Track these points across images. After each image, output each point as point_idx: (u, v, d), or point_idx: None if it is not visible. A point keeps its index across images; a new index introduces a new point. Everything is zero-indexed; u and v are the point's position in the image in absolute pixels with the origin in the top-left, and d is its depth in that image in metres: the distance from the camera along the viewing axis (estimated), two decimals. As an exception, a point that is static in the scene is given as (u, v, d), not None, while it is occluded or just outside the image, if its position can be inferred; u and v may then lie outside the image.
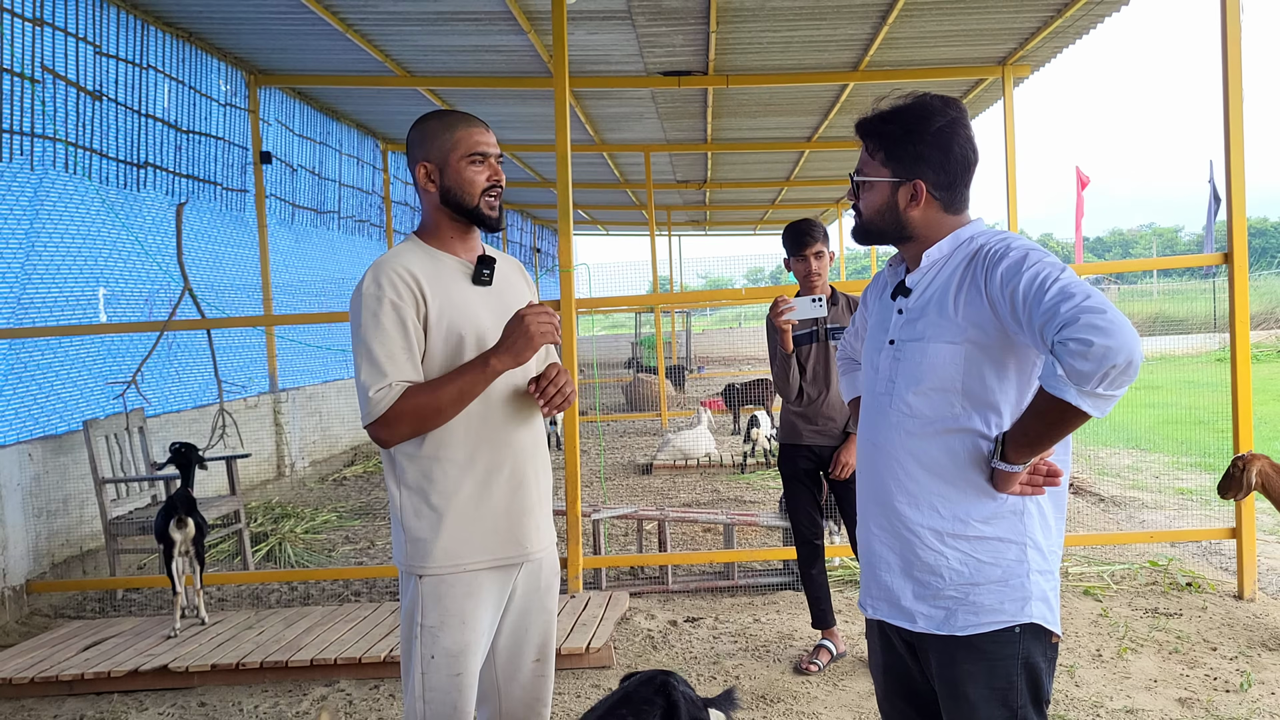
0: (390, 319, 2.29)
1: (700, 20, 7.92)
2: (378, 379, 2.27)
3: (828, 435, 4.51)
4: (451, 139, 2.40)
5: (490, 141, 2.44)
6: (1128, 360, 1.72)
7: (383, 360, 2.28)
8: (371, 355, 2.28)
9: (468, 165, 2.40)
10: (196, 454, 5.65)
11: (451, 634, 2.36)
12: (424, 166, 2.42)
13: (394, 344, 2.29)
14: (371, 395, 2.27)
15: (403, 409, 2.27)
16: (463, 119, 2.44)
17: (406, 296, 2.31)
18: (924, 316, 2.08)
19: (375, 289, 2.31)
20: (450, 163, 2.40)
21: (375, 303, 2.30)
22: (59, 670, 4.57)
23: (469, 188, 2.40)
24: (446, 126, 2.42)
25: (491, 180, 2.42)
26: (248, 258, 9.35)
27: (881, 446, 2.13)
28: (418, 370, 2.33)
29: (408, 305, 2.31)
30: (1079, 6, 7.52)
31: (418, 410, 2.28)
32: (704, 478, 9.90)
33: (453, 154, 2.40)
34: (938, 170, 2.09)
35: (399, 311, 2.30)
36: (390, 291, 2.30)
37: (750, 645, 4.89)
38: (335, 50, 8.65)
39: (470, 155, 2.40)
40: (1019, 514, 2.04)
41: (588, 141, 12.99)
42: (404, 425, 2.30)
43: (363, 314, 2.31)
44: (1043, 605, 2.05)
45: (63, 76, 6.72)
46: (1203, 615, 5.07)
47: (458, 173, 2.40)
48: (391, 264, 2.35)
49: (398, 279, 2.32)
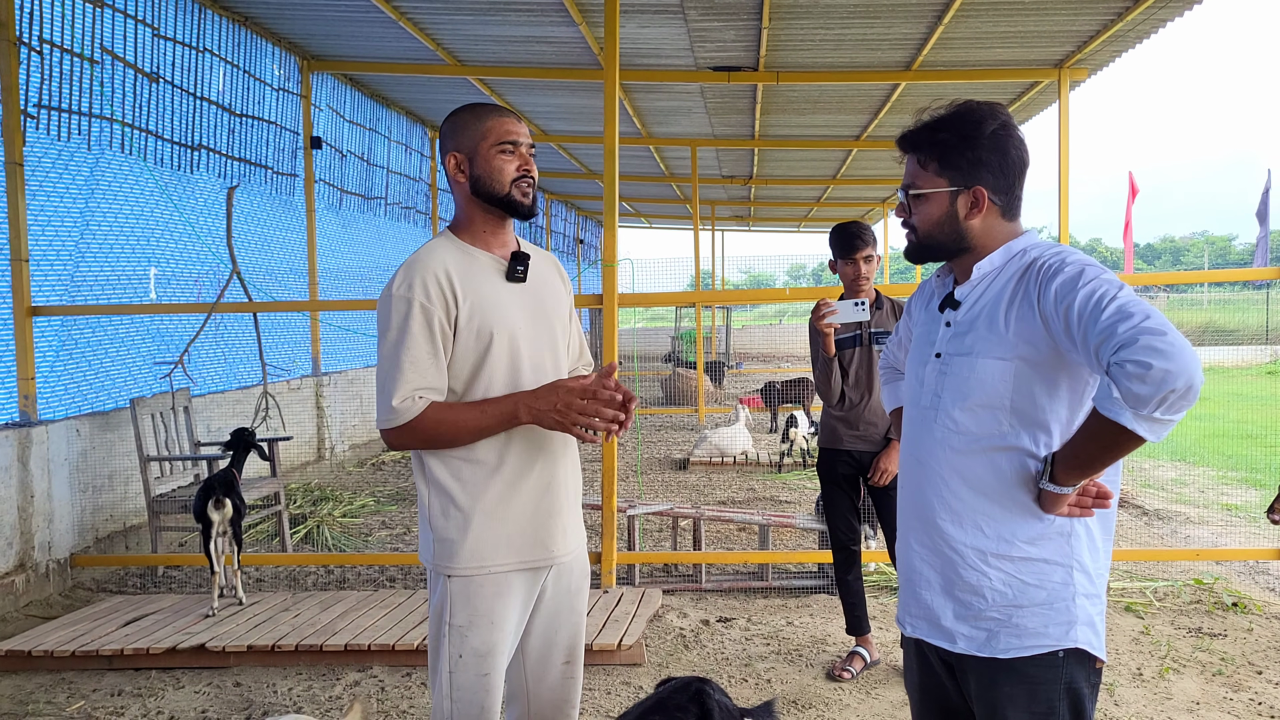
0: (419, 323, 2.28)
1: (753, 16, 7.86)
2: (401, 387, 2.27)
3: (868, 440, 4.46)
4: (481, 128, 2.38)
5: (520, 131, 2.41)
6: (1188, 385, 1.67)
7: (406, 366, 2.27)
8: (397, 360, 2.28)
9: (497, 154, 2.37)
10: (255, 440, 5.83)
11: (480, 634, 2.36)
12: (454, 156, 2.40)
13: (420, 350, 2.29)
14: (395, 404, 2.27)
15: (417, 428, 2.29)
16: (493, 109, 2.43)
17: (437, 299, 2.30)
18: (973, 330, 2.04)
19: (406, 290, 2.30)
20: (480, 151, 2.37)
21: (405, 305, 2.29)
22: (99, 645, 4.65)
23: (499, 175, 2.37)
24: (476, 117, 2.41)
25: (522, 169, 2.39)
26: (295, 241, 9.44)
27: (925, 462, 2.09)
28: (442, 376, 2.33)
29: (438, 308, 2.30)
30: (1141, 10, 7.35)
31: (435, 433, 2.31)
32: (740, 475, 9.86)
33: (483, 143, 2.37)
34: (997, 174, 2.04)
35: (428, 315, 2.29)
36: (420, 293, 2.29)
37: (783, 649, 4.86)
38: (387, 38, 8.69)
39: (500, 144, 2.37)
40: (1066, 536, 2.00)
41: (634, 134, 12.95)
42: (414, 441, 2.33)
43: (392, 316, 2.30)
44: (1088, 630, 2.00)
45: (121, 58, 6.81)
46: (1248, 637, 4.97)
47: (487, 161, 2.37)
48: (425, 263, 2.34)
49: (431, 279, 2.31)
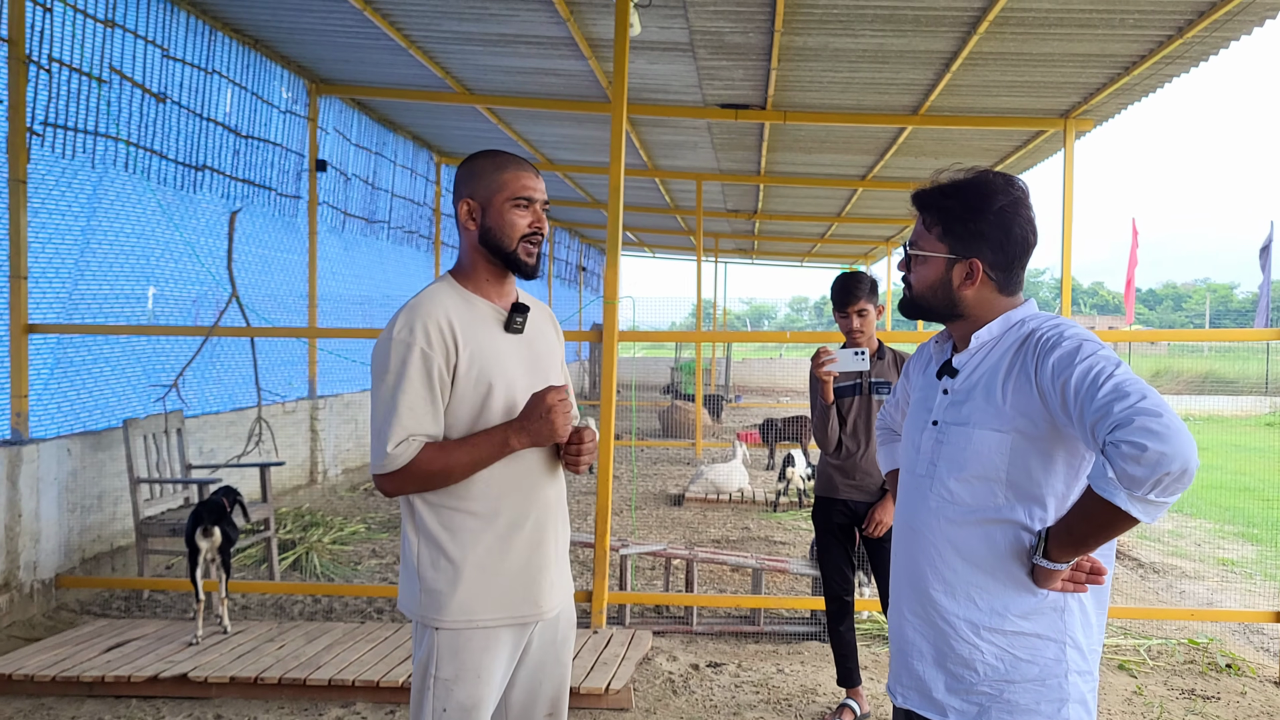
0: (417, 368, 2.26)
1: (762, 57, 7.90)
2: (397, 432, 2.25)
3: (864, 491, 4.42)
4: (500, 180, 2.36)
5: (538, 188, 2.39)
6: (1183, 468, 1.66)
7: (404, 411, 2.25)
8: (394, 405, 2.25)
9: (511, 208, 2.36)
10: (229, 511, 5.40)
11: (466, 688, 2.32)
12: (467, 203, 2.38)
13: (417, 395, 2.26)
14: (390, 449, 2.25)
15: (413, 471, 2.27)
16: (514, 161, 2.40)
17: (438, 345, 2.28)
18: (970, 400, 2.02)
19: (407, 335, 2.28)
20: (494, 203, 2.36)
21: (405, 349, 2.27)
22: (80, 671, 4.59)
23: (509, 230, 2.36)
24: (497, 167, 2.39)
25: (533, 226, 2.38)
26: (297, 263, 9.43)
27: (919, 531, 2.07)
28: (438, 422, 2.30)
29: (438, 354, 2.28)
30: (1148, 65, 7.39)
31: (428, 473, 2.28)
32: (735, 514, 9.80)
33: (498, 195, 2.36)
34: (996, 250, 2.03)
35: (427, 361, 2.27)
36: (421, 339, 2.27)
37: (772, 697, 4.80)
38: (396, 64, 8.73)
39: (516, 199, 2.36)
40: (1060, 611, 1.97)
41: (640, 166, 13.00)
42: (410, 484, 2.31)
43: (390, 359, 2.28)
44: (1080, 708, 1.98)
45: (129, 78, 6.83)
46: (1241, 701, 4.91)
47: (500, 214, 2.36)
48: (427, 308, 2.32)
49: (433, 325, 2.29)
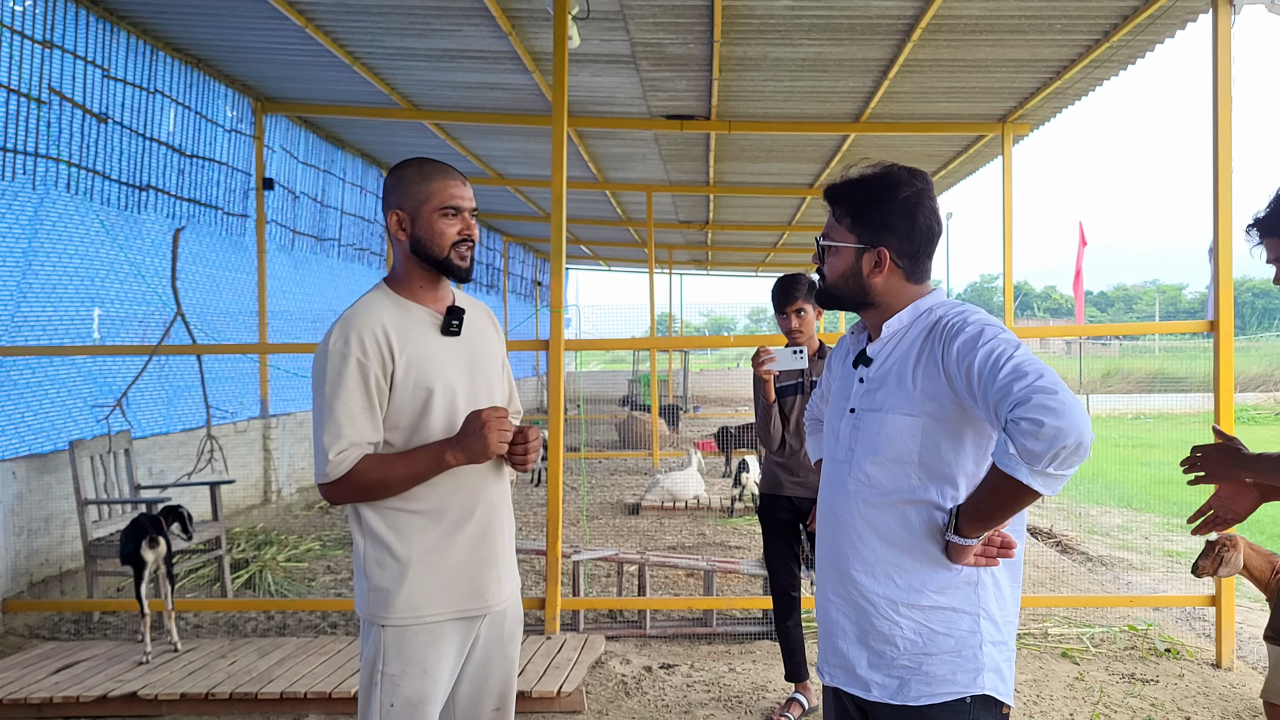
0: (354, 378, 2.31)
1: (703, 68, 8.01)
2: (336, 441, 2.30)
3: (808, 487, 4.51)
4: (426, 190, 2.40)
5: (464, 195, 2.44)
6: (1077, 442, 1.75)
7: (343, 420, 2.30)
8: (333, 414, 2.30)
9: (440, 217, 2.40)
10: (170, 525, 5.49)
11: (413, 682, 2.36)
12: (396, 214, 2.42)
13: (355, 404, 2.31)
14: (331, 458, 2.30)
15: (353, 480, 2.32)
16: (439, 170, 2.44)
17: (374, 355, 2.32)
18: (883, 387, 2.11)
19: (343, 346, 2.32)
20: (423, 214, 2.40)
21: (340, 360, 2.31)
22: (28, 693, 4.55)
23: (439, 239, 2.40)
24: (423, 177, 2.42)
25: (463, 234, 2.42)
26: (246, 282, 9.38)
27: (840, 514, 2.14)
28: (378, 430, 2.35)
29: (374, 363, 2.32)
30: (1078, 69, 7.60)
31: (367, 483, 2.33)
32: (692, 520, 9.86)
33: (425, 205, 2.40)
34: (902, 239, 2.12)
35: (364, 370, 2.31)
36: (357, 349, 2.31)
37: (723, 695, 4.86)
38: (342, 81, 8.74)
39: (443, 208, 2.40)
40: (973, 585, 2.05)
41: (590, 179, 13.06)
42: (352, 494, 2.36)
43: (327, 371, 2.32)
44: (995, 676, 2.06)
45: (69, 98, 6.79)
46: (1179, 683, 5.05)
47: (429, 224, 2.39)
48: (361, 318, 2.36)
49: (368, 335, 2.33)
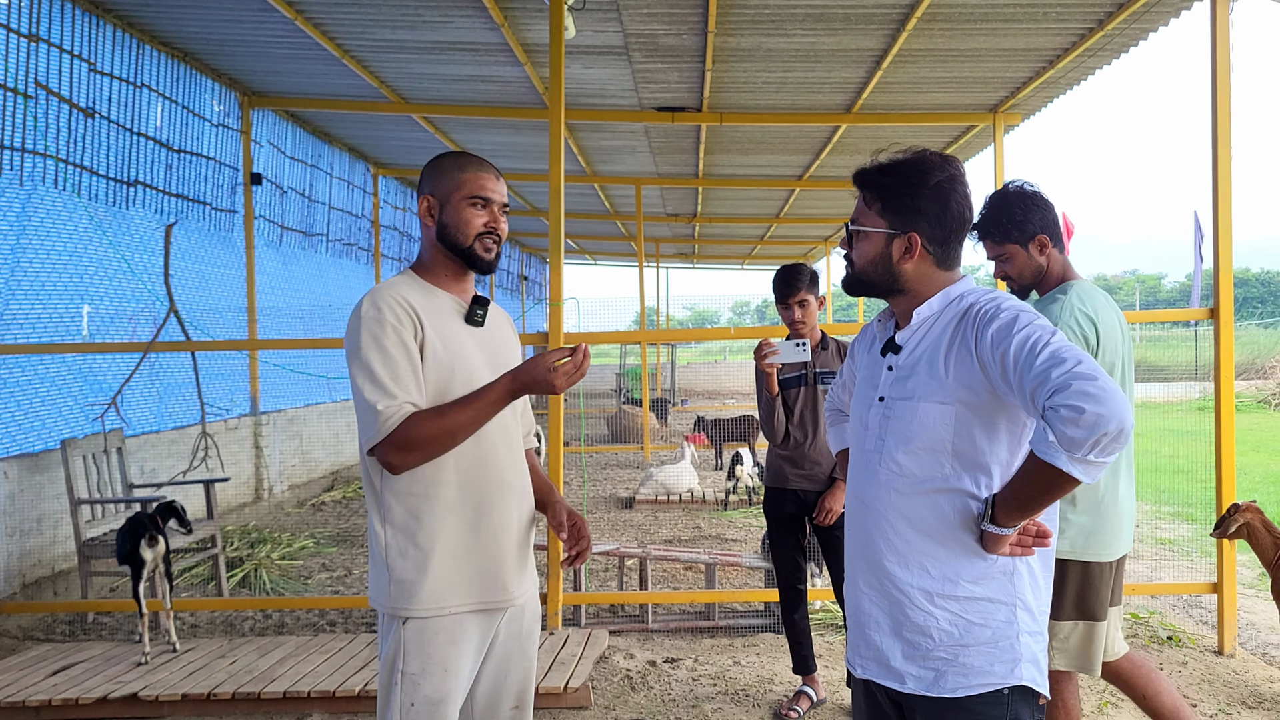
0: (393, 341, 2.25)
1: (696, 59, 7.97)
2: (382, 396, 2.20)
3: (813, 480, 4.48)
4: (459, 178, 2.42)
5: (496, 189, 2.44)
6: (1119, 428, 1.72)
7: (387, 380, 2.22)
8: (375, 375, 2.22)
9: (467, 206, 2.40)
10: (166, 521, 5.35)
11: (434, 682, 2.32)
12: (427, 199, 2.43)
13: (399, 365, 2.24)
14: (381, 409, 2.18)
15: (416, 433, 2.20)
16: (475, 162, 2.46)
17: (406, 322, 2.29)
18: (914, 375, 2.07)
19: (375, 312, 2.28)
20: (452, 201, 2.40)
21: (377, 325, 2.26)
22: (26, 696, 4.49)
23: (465, 228, 2.39)
24: (458, 166, 2.44)
25: (489, 226, 2.42)
26: (234, 278, 9.29)
27: (871, 505, 2.12)
28: (423, 393, 2.27)
29: (406, 329, 2.28)
30: (1071, 59, 7.59)
31: (433, 433, 2.21)
32: (686, 514, 9.85)
33: (456, 193, 2.40)
34: (934, 224, 2.09)
35: (400, 335, 2.26)
36: (390, 314, 2.28)
37: (730, 689, 4.84)
38: (330, 75, 8.66)
39: (472, 197, 2.40)
40: (1009, 575, 2.03)
41: (579, 172, 13.03)
42: (417, 450, 2.22)
43: (362, 336, 2.26)
44: (1032, 667, 2.03)
45: (55, 93, 6.69)
46: (1183, 670, 5.06)
47: (456, 211, 2.40)
48: (390, 291, 2.33)
49: (399, 304, 2.30)
